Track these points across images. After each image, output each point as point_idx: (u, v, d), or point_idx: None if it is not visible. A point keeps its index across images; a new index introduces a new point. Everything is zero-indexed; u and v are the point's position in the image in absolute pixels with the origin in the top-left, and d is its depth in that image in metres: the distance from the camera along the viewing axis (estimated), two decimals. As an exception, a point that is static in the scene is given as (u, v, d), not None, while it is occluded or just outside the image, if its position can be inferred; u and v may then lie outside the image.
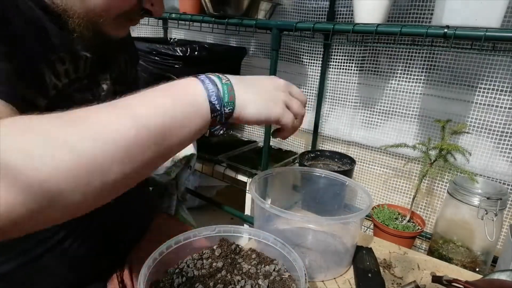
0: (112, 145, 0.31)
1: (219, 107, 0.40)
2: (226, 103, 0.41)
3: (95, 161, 0.30)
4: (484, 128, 1.06)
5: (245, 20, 1.08)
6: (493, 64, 1.01)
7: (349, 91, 1.32)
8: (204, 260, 0.58)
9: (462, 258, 0.93)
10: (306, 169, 0.83)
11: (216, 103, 0.40)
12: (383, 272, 0.69)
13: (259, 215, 0.70)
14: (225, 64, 1.41)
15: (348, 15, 1.23)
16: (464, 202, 0.90)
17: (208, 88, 0.40)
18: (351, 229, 0.71)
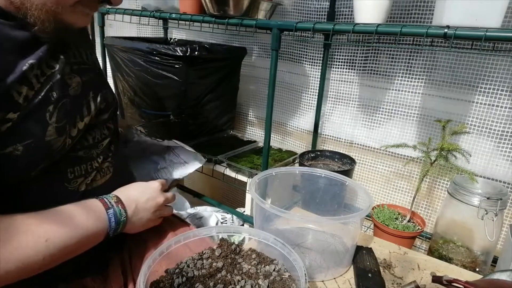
0: (26, 264, 0.47)
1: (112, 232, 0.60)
2: (120, 230, 0.62)
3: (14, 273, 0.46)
4: (485, 128, 1.06)
5: (245, 20, 1.08)
6: (493, 64, 1.01)
7: (349, 91, 1.32)
8: (204, 260, 0.58)
9: (462, 258, 0.93)
10: (306, 169, 0.83)
11: (112, 232, 0.60)
12: (383, 272, 0.69)
13: (259, 215, 0.70)
14: (225, 64, 1.41)
15: (349, 15, 1.23)
16: (464, 202, 0.90)
17: (111, 227, 0.59)
18: (351, 229, 0.71)
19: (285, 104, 1.51)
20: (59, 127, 0.52)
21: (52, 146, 0.52)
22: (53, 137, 0.52)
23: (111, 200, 0.60)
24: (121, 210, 0.60)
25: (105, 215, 0.58)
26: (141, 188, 0.67)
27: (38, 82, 0.50)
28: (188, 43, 1.57)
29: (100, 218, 0.57)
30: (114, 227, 0.59)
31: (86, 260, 0.63)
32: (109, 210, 0.58)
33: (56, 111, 0.52)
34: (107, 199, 0.60)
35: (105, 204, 0.58)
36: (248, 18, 1.13)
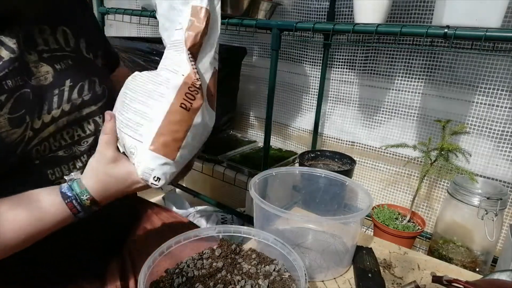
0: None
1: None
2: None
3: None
4: (485, 128, 1.06)
5: (245, 20, 1.08)
6: (493, 64, 1.01)
7: (349, 91, 1.32)
8: (204, 260, 0.58)
9: (462, 258, 0.93)
10: (306, 169, 0.83)
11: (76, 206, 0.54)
12: (383, 272, 0.69)
13: (259, 215, 0.70)
14: (225, 64, 1.41)
15: (348, 15, 1.23)
16: (464, 202, 0.90)
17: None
18: (351, 229, 0.71)
19: (285, 104, 1.51)
20: (13, 118, 0.47)
21: (5, 139, 0.47)
22: (5, 129, 0.46)
23: (83, 204, 0.53)
24: (95, 208, 0.55)
25: (72, 217, 0.53)
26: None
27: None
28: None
29: (64, 219, 0.53)
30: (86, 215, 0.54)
31: (83, 263, 0.63)
32: (79, 214, 0.53)
33: (11, 101, 0.47)
34: (78, 205, 0.53)
35: (74, 211, 0.53)
36: (248, 18, 1.13)
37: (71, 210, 0.51)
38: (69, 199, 0.51)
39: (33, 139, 0.51)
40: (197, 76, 0.50)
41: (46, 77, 0.52)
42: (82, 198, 0.51)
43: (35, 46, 0.51)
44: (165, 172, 0.51)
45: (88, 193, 0.52)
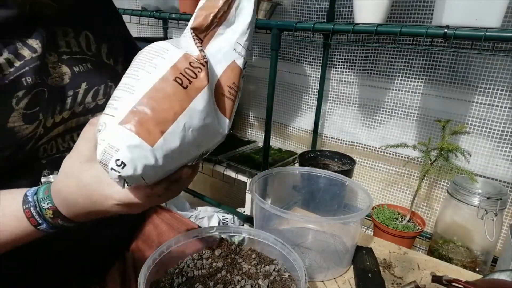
0: None
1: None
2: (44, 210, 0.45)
3: None
4: (484, 128, 1.06)
5: (245, 20, 1.08)
6: (493, 64, 1.01)
7: (349, 91, 1.32)
8: (204, 260, 0.58)
9: (462, 258, 0.93)
10: (306, 169, 0.83)
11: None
12: (383, 272, 0.69)
13: (259, 215, 0.70)
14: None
15: (348, 15, 1.23)
16: (464, 202, 0.90)
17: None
18: (351, 229, 0.71)
19: (285, 104, 1.51)
20: (28, 114, 0.47)
21: (16, 133, 0.47)
22: (17, 123, 0.47)
23: (43, 214, 0.44)
24: (62, 223, 0.45)
25: (35, 231, 0.45)
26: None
27: (10, 67, 0.46)
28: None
29: (23, 231, 0.45)
30: (58, 230, 0.45)
31: (84, 267, 0.63)
32: (40, 226, 0.44)
33: (28, 97, 0.47)
34: (36, 214, 0.44)
35: (32, 220, 0.44)
36: (248, 18, 1.13)
37: (29, 219, 0.42)
38: (27, 205, 0.43)
39: (43, 137, 0.51)
40: (204, 54, 0.39)
41: (63, 78, 0.53)
42: (43, 206, 0.42)
43: (57, 47, 0.52)
44: (135, 158, 0.35)
45: (50, 201, 0.42)
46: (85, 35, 0.57)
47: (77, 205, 0.42)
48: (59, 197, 0.42)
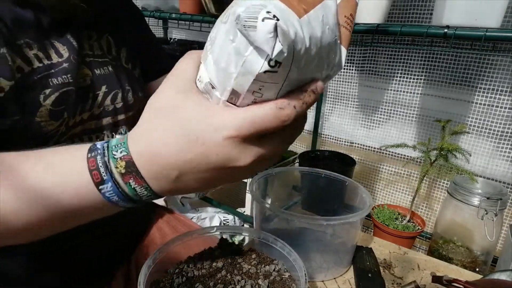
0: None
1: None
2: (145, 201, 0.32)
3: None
4: (484, 128, 1.06)
5: (245, 20, 1.08)
6: (493, 64, 1.01)
7: (348, 91, 1.32)
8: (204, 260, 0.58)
9: (462, 258, 0.93)
10: (306, 169, 0.83)
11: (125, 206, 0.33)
12: (383, 272, 0.69)
13: (259, 215, 0.70)
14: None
15: (348, 15, 1.23)
16: (464, 202, 0.90)
17: (115, 202, 0.32)
18: (351, 229, 0.71)
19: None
20: (54, 111, 0.48)
21: (42, 128, 0.48)
22: (44, 119, 0.48)
23: (111, 167, 0.30)
24: (134, 187, 0.30)
25: (95, 193, 0.30)
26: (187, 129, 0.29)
27: (39, 62, 0.47)
28: (188, 43, 1.57)
29: (83, 194, 0.31)
30: (122, 204, 0.32)
31: (89, 271, 0.63)
32: (103, 186, 0.30)
33: (55, 95, 0.48)
34: (102, 165, 0.30)
35: (95, 175, 0.30)
36: (248, 18, 1.13)
37: (92, 172, 0.29)
38: (93, 153, 0.30)
39: (64, 135, 0.51)
40: None
41: (85, 79, 0.53)
42: (114, 154, 0.29)
43: (81, 50, 0.53)
44: (285, 19, 0.25)
45: (125, 148, 0.29)
46: (106, 39, 0.58)
47: (166, 153, 0.28)
48: (140, 142, 0.29)
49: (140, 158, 0.29)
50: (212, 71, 0.28)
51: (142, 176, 0.29)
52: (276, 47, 0.24)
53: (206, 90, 0.29)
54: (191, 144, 0.28)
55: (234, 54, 0.26)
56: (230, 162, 0.28)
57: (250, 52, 0.25)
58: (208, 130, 0.27)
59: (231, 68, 0.26)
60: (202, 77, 0.30)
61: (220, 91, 0.28)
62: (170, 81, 0.31)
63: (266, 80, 0.26)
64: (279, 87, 0.27)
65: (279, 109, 0.27)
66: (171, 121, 0.28)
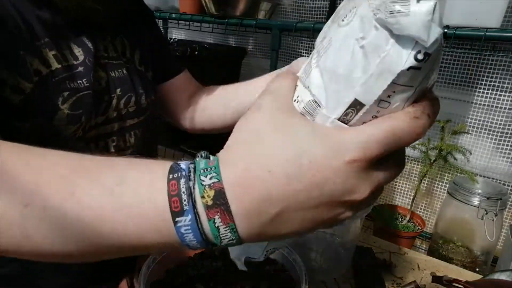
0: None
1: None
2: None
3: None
4: (484, 128, 1.06)
5: (245, 20, 1.08)
6: (493, 64, 1.01)
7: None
8: (204, 260, 0.58)
9: (462, 258, 0.93)
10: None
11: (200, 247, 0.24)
12: (383, 272, 0.69)
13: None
14: (225, 64, 1.41)
15: (348, 15, 1.23)
16: (464, 202, 0.90)
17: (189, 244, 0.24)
18: (351, 229, 0.71)
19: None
20: (72, 115, 0.48)
21: (61, 132, 0.48)
22: (62, 122, 0.47)
23: (195, 196, 0.22)
24: (218, 226, 0.23)
25: (168, 226, 0.23)
26: (298, 149, 0.22)
27: (58, 63, 0.47)
28: (188, 43, 1.57)
29: (152, 224, 0.23)
30: (194, 245, 0.24)
31: (94, 281, 0.62)
32: (181, 218, 0.22)
33: (72, 99, 0.48)
34: (186, 191, 0.22)
35: (174, 202, 0.23)
36: (248, 18, 1.13)
37: (171, 198, 0.22)
38: (176, 174, 0.23)
39: (81, 140, 0.51)
40: None
41: (100, 83, 0.52)
42: (202, 180, 0.22)
43: (96, 52, 0.52)
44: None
45: (216, 174, 0.22)
46: (120, 40, 0.57)
47: (270, 183, 0.22)
48: (235, 168, 0.23)
49: (233, 189, 0.22)
50: (318, 86, 0.24)
51: (231, 212, 0.22)
52: (432, 32, 0.19)
53: (307, 111, 0.24)
54: (302, 170, 0.21)
55: (364, 54, 0.21)
56: (346, 194, 0.22)
57: (391, 46, 0.20)
58: (325, 153, 0.21)
59: (357, 73, 0.21)
60: (301, 97, 0.25)
61: (331, 108, 0.23)
62: (267, 100, 0.25)
63: (404, 82, 0.21)
64: (411, 94, 0.21)
65: (414, 119, 0.21)
66: (276, 143, 0.22)
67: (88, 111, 0.50)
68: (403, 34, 0.19)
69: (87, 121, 0.50)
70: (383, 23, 0.20)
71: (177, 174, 0.23)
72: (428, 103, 0.22)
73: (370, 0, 0.21)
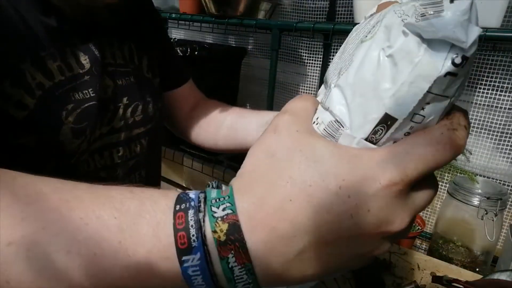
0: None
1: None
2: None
3: None
4: (484, 128, 1.06)
5: (245, 20, 1.08)
6: (493, 64, 1.01)
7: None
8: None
9: (462, 258, 0.93)
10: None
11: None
12: (383, 272, 0.69)
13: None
14: (225, 64, 1.41)
15: (348, 15, 1.23)
16: (464, 202, 0.90)
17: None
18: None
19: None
20: (76, 129, 0.46)
21: (66, 146, 0.46)
22: (67, 137, 0.45)
23: (205, 231, 0.19)
24: (232, 266, 0.19)
25: (172, 265, 0.19)
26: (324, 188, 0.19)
27: (62, 75, 0.44)
28: (188, 43, 1.57)
29: (155, 263, 0.20)
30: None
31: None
32: (188, 257, 0.19)
33: (77, 111, 0.45)
34: (195, 225, 0.19)
35: (181, 237, 0.19)
36: (248, 18, 1.13)
37: (177, 233, 0.19)
38: (183, 205, 0.20)
39: (85, 152, 0.49)
40: None
41: (106, 91, 0.50)
42: (214, 212, 0.19)
43: (103, 59, 0.50)
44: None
45: (231, 205, 0.19)
46: (128, 47, 0.55)
47: (292, 213, 0.19)
48: (251, 197, 0.20)
49: (250, 222, 0.19)
50: (340, 105, 0.21)
51: (248, 249, 0.18)
52: (470, 33, 0.17)
53: (329, 133, 0.21)
54: (329, 198, 0.19)
55: (392, 63, 0.19)
56: (383, 225, 0.19)
57: (424, 51, 0.18)
58: (356, 176, 0.18)
59: (385, 84, 0.19)
60: (321, 118, 0.22)
61: (356, 127, 0.20)
62: (284, 120, 0.23)
63: (439, 91, 0.18)
64: (445, 105, 0.19)
65: (453, 131, 0.19)
66: (298, 167, 0.19)
67: (92, 123, 0.48)
68: (436, 38, 0.17)
69: (92, 133, 0.48)
70: (413, 28, 0.18)
71: (185, 204, 0.20)
72: (461, 114, 0.20)
73: (395, 8, 0.20)
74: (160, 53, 0.63)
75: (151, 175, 0.61)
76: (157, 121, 0.59)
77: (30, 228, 0.20)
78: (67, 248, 0.19)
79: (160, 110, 0.60)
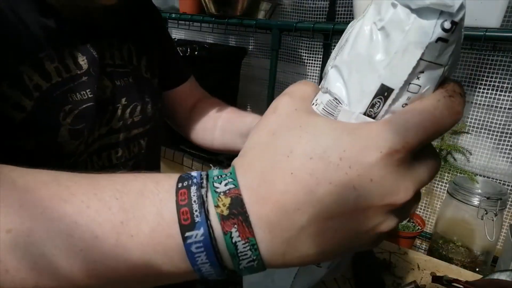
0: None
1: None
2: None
3: None
4: (484, 128, 1.06)
5: (245, 20, 1.08)
6: (493, 64, 1.01)
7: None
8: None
9: (462, 258, 0.93)
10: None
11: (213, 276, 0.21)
12: (383, 272, 0.69)
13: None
14: (225, 64, 1.41)
15: (348, 15, 1.23)
16: (464, 202, 0.90)
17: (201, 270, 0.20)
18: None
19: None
20: (74, 130, 0.46)
21: (64, 148, 0.46)
22: (65, 139, 0.45)
23: (208, 205, 0.19)
24: (236, 241, 0.19)
25: (175, 242, 0.19)
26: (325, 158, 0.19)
27: (59, 76, 0.44)
28: (188, 43, 1.57)
29: (157, 242, 0.19)
30: (207, 271, 0.20)
31: None
32: (191, 232, 0.19)
33: (74, 113, 0.45)
34: (197, 200, 0.19)
35: (184, 213, 0.19)
36: (248, 18, 1.13)
37: (180, 209, 0.19)
38: (186, 183, 0.20)
39: (83, 154, 0.48)
40: None
41: (105, 92, 0.50)
42: (216, 187, 0.20)
43: (101, 59, 0.50)
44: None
45: (233, 180, 0.20)
46: (127, 47, 0.55)
47: (293, 186, 0.19)
48: (253, 172, 0.20)
49: (252, 195, 0.19)
50: (337, 82, 0.21)
51: (251, 223, 0.19)
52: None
53: (327, 111, 0.22)
54: (330, 169, 0.18)
55: (385, 34, 0.19)
56: (387, 196, 0.19)
57: (413, 20, 0.18)
58: (357, 147, 0.18)
59: (379, 56, 0.19)
60: (320, 99, 0.23)
61: (354, 102, 0.20)
62: (284, 101, 0.23)
63: (432, 58, 0.18)
64: (440, 74, 0.19)
65: (450, 98, 0.19)
66: (298, 141, 0.19)
67: (90, 124, 0.48)
68: (425, 6, 0.18)
69: (90, 134, 0.48)
70: (402, 0, 0.18)
71: (187, 182, 0.20)
72: (456, 83, 0.20)
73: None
74: (160, 53, 0.62)
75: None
76: (156, 122, 0.59)
77: (29, 214, 0.20)
78: (68, 232, 0.19)
79: (159, 110, 0.59)
